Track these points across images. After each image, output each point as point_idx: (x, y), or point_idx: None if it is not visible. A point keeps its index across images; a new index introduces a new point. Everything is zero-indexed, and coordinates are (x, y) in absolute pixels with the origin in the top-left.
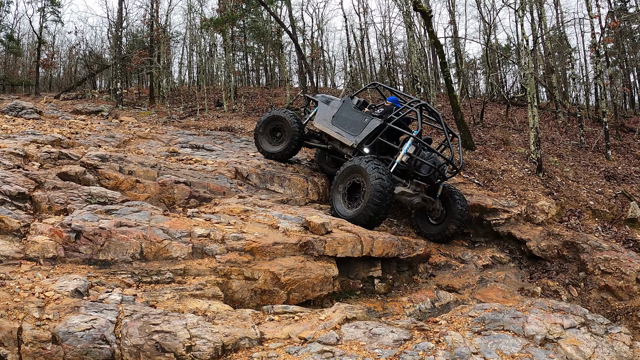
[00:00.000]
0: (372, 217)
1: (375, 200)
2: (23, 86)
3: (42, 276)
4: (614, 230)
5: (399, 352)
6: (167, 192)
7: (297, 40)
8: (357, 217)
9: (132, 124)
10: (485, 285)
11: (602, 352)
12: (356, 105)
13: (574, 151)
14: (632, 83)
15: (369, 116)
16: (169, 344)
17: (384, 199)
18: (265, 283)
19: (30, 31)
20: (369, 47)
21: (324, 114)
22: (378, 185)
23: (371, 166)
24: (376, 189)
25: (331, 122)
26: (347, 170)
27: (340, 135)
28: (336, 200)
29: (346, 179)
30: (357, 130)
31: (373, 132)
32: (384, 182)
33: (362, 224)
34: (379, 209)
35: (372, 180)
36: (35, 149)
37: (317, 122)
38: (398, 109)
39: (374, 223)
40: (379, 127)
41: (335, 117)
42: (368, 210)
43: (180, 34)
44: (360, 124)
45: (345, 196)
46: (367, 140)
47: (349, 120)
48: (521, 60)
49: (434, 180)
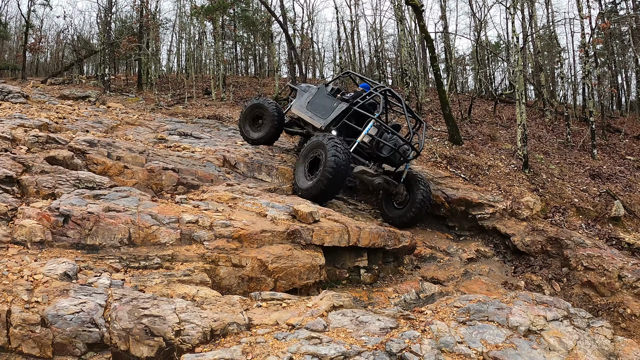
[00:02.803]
0: (323, 190)
1: (328, 174)
2: (10, 70)
3: (30, 260)
4: (597, 228)
5: (385, 339)
6: (155, 179)
7: (287, 30)
8: (310, 188)
9: (120, 110)
10: (469, 278)
11: (584, 345)
12: (330, 92)
13: (560, 149)
14: (620, 84)
15: (337, 101)
16: (158, 328)
17: (336, 174)
18: (253, 270)
19: (18, 14)
20: (359, 39)
21: (301, 101)
22: (332, 161)
23: (331, 143)
24: (330, 165)
25: (306, 107)
26: (311, 145)
27: (312, 119)
28: (299, 172)
29: (309, 154)
30: (326, 113)
31: (340, 115)
32: (338, 158)
33: (313, 195)
34: (330, 183)
35: (329, 155)
36: (22, 133)
37: (294, 108)
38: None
39: (325, 196)
40: (345, 110)
41: (310, 103)
42: (320, 183)
43: (170, 21)
44: (330, 108)
45: (307, 169)
46: (334, 122)
47: (320, 105)
48: (511, 58)
49: (395, 161)
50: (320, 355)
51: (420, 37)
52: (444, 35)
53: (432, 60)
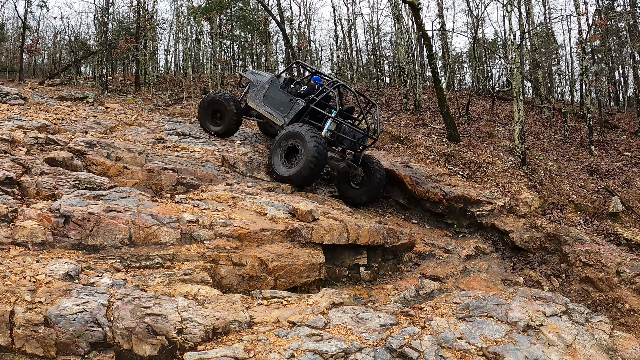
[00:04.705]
0: (306, 178)
1: (311, 163)
2: (7, 72)
3: (32, 260)
4: (595, 224)
5: (385, 336)
6: (155, 179)
7: (284, 29)
8: (293, 176)
9: (118, 111)
10: (468, 275)
11: (582, 340)
12: (282, 84)
13: (558, 146)
14: (617, 81)
15: (293, 97)
16: (161, 326)
17: (317, 162)
18: (253, 269)
19: (15, 16)
20: (357, 38)
21: (256, 93)
22: (314, 150)
23: (310, 133)
24: (312, 155)
25: (262, 101)
26: (286, 135)
27: (272, 115)
28: (275, 160)
29: (285, 143)
30: (285, 110)
31: (299, 113)
32: (319, 147)
33: (297, 182)
34: (313, 171)
35: (310, 145)
36: (21, 135)
37: (250, 101)
38: (320, 87)
39: (308, 183)
40: (303, 109)
41: (265, 97)
42: (304, 171)
43: (167, 21)
44: (288, 105)
45: (284, 157)
46: (294, 120)
47: (277, 101)
48: (508, 55)
49: (357, 149)
50: (322, 352)
51: (417, 35)
52: (441, 33)
53: (430, 58)
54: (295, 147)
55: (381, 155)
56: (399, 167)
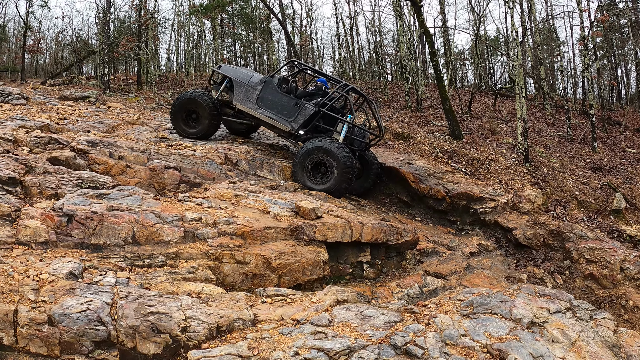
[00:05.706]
0: (347, 189)
1: (347, 174)
2: (9, 72)
3: (36, 260)
4: (599, 221)
5: (389, 333)
6: (158, 177)
7: (286, 27)
8: (332, 188)
9: (120, 110)
10: (472, 272)
11: (587, 336)
12: (278, 84)
13: (561, 142)
14: (620, 77)
15: (299, 100)
16: (165, 325)
17: (352, 172)
18: (257, 267)
19: (17, 16)
20: (358, 35)
21: (246, 94)
22: (348, 166)
23: (341, 151)
24: (346, 165)
25: (257, 104)
26: (309, 151)
27: (272, 119)
28: (301, 176)
29: (309, 158)
30: (291, 115)
31: (309, 118)
32: (350, 162)
33: (337, 194)
34: (350, 180)
35: (343, 161)
36: (24, 134)
37: (239, 102)
38: (326, 89)
39: (344, 193)
40: (314, 113)
41: (260, 99)
42: (343, 183)
43: (169, 20)
44: (293, 108)
45: (310, 172)
46: (304, 125)
47: (277, 104)
48: (510, 52)
49: (362, 148)
50: (326, 350)
51: (419, 32)
52: (443, 30)
53: (432, 55)
54: (321, 162)
55: (384, 153)
56: (401, 164)
